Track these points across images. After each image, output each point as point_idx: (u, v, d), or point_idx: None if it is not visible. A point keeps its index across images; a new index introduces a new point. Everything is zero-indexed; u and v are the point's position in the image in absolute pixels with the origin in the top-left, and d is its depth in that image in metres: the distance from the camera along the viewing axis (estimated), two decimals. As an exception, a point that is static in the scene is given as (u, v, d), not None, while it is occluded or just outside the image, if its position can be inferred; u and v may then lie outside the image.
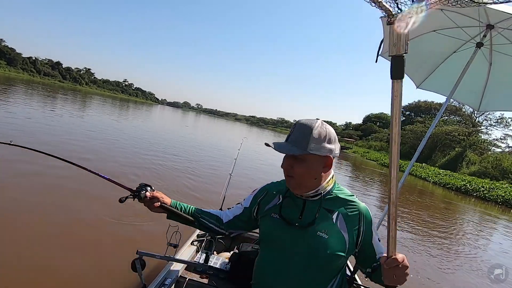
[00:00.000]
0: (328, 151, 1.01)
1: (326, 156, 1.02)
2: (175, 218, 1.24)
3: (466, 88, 2.25)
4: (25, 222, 3.01)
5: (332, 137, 1.03)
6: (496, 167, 21.81)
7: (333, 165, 1.08)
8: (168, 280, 1.56)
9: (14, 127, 7.56)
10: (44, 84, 51.62)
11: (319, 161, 1.02)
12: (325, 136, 1.01)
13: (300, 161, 1.02)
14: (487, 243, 6.56)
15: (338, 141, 1.07)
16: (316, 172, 1.03)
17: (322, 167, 1.03)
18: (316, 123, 1.02)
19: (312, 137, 0.99)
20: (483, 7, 1.57)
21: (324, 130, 1.01)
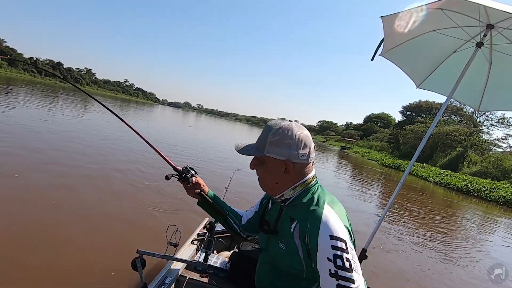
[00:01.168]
0: (286, 155, 0.94)
1: (284, 160, 0.94)
2: (206, 208, 1.29)
3: (466, 88, 2.24)
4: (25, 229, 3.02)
5: (295, 142, 0.94)
6: (497, 167, 21.77)
7: (312, 171, 1.01)
8: (168, 279, 1.56)
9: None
10: (45, 84, 51.69)
11: (278, 165, 0.96)
12: (286, 140, 0.94)
13: (260, 163, 1.00)
14: (488, 243, 6.55)
15: (308, 147, 0.96)
16: (276, 176, 0.98)
17: (283, 172, 0.96)
18: (278, 126, 0.96)
19: (270, 140, 0.95)
20: (483, 7, 1.57)
21: (287, 133, 0.94)
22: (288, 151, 0.94)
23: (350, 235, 0.90)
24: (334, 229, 0.85)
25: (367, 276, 1.10)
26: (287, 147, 0.94)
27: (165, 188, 4.92)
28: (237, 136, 29.47)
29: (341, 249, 0.82)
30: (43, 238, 2.78)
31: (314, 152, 1.00)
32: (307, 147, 0.96)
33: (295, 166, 0.96)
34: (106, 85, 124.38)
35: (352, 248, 0.85)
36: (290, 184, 0.98)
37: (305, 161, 0.96)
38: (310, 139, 0.98)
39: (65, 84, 75.15)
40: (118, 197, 4.24)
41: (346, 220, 0.93)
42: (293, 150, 0.94)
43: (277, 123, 0.98)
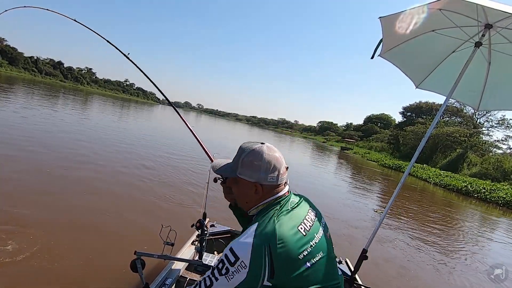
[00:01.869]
0: (256, 178, 1.00)
1: (254, 182, 1.01)
2: (237, 212, 1.33)
3: (465, 87, 2.25)
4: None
5: (265, 165, 0.99)
6: (497, 168, 21.75)
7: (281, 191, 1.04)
8: (168, 280, 1.57)
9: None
10: (45, 83, 51.73)
11: (249, 186, 1.02)
12: (257, 162, 1.00)
13: (234, 182, 1.07)
14: (488, 243, 6.55)
15: (278, 169, 1.01)
16: (247, 195, 1.04)
17: (253, 192, 1.02)
18: (250, 149, 1.02)
19: (242, 162, 1.02)
20: (481, 7, 1.57)
21: (257, 157, 1.00)
22: (258, 174, 1.00)
23: (256, 255, 0.88)
24: (237, 246, 0.91)
25: (367, 276, 1.09)
26: (257, 170, 1.00)
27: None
28: (241, 136, 29.47)
29: (229, 262, 0.89)
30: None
31: (285, 173, 1.04)
32: (277, 169, 1.01)
33: (264, 187, 1.01)
34: (107, 84, 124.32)
35: (243, 267, 0.88)
36: (258, 203, 1.05)
37: (274, 183, 1.02)
38: (280, 161, 1.03)
39: (65, 84, 75.12)
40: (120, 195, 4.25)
41: (262, 245, 0.89)
42: (262, 173, 1.00)
43: (249, 145, 1.04)
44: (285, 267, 0.91)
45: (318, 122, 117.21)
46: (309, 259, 0.95)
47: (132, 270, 1.24)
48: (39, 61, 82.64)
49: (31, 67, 77.48)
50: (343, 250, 4.33)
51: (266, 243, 0.90)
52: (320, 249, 1.00)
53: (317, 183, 10.01)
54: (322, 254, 0.99)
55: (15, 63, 71.55)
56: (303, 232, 0.97)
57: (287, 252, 0.91)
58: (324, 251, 1.01)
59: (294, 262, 0.92)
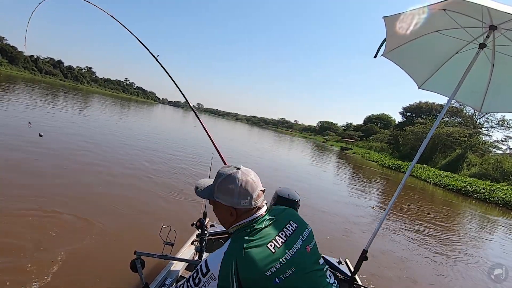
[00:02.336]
0: (229, 202, 1.06)
1: (229, 206, 1.07)
2: None
3: (468, 89, 2.24)
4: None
5: (237, 190, 1.05)
6: (496, 169, 21.75)
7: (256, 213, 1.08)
8: (168, 280, 1.57)
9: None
10: (45, 82, 51.65)
11: (225, 208, 1.08)
12: (231, 189, 1.05)
13: (213, 203, 1.13)
14: (488, 244, 6.56)
15: (251, 194, 1.06)
16: (223, 216, 1.11)
17: (229, 215, 1.08)
18: (226, 174, 1.08)
19: (218, 187, 1.08)
20: (486, 8, 1.57)
21: (230, 182, 1.06)
22: (232, 199, 1.05)
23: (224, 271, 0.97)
24: (211, 258, 1.01)
25: (368, 277, 1.09)
26: (231, 195, 1.05)
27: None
28: (247, 139, 29.42)
29: (202, 272, 0.99)
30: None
31: (260, 196, 1.09)
32: (249, 195, 1.05)
33: (238, 211, 1.07)
34: (107, 83, 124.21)
35: (213, 279, 0.97)
36: (233, 225, 1.10)
37: (247, 207, 1.06)
38: (254, 186, 1.07)
39: (65, 83, 74.96)
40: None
41: (231, 262, 0.98)
42: (236, 198, 1.05)
43: (225, 171, 1.09)
44: (251, 283, 0.97)
45: (318, 122, 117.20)
46: (278, 275, 0.99)
47: (132, 270, 1.25)
48: (39, 60, 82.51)
49: (31, 66, 77.36)
50: (340, 244, 4.34)
51: (233, 259, 0.98)
52: (292, 265, 1.02)
53: (317, 182, 10.02)
54: (293, 269, 1.02)
55: (15, 62, 71.42)
56: (272, 249, 1.02)
57: (252, 269, 0.97)
58: (299, 266, 1.04)
59: (261, 279, 0.97)
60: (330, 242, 4.30)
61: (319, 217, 5.39)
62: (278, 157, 16.90)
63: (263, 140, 31.60)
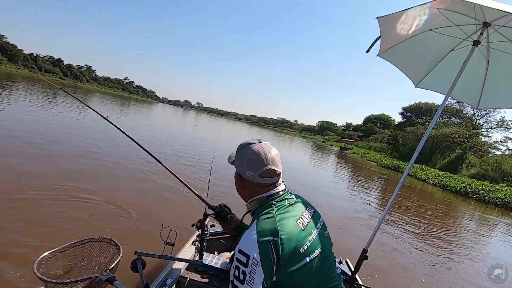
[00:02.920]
0: (239, 169, 1.09)
1: (238, 173, 1.10)
2: None
3: (464, 86, 2.24)
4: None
5: (246, 159, 1.06)
6: (496, 169, 21.78)
7: (268, 191, 1.06)
8: (169, 280, 1.57)
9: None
10: (45, 81, 51.46)
11: (237, 177, 1.12)
12: (243, 156, 1.07)
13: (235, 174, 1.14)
14: (487, 244, 6.57)
15: (257, 168, 1.04)
16: (237, 185, 1.14)
17: (241, 185, 1.11)
18: (245, 143, 1.10)
19: (236, 152, 1.12)
20: (479, 5, 1.57)
21: (243, 150, 1.08)
22: (241, 167, 1.08)
23: (266, 251, 0.90)
24: (244, 244, 0.94)
25: (367, 276, 1.09)
26: (241, 162, 1.08)
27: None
28: (247, 138, 29.38)
29: (241, 262, 0.91)
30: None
31: (270, 175, 1.04)
32: (255, 168, 1.04)
33: (244, 181, 1.09)
34: (106, 82, 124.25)
35: (256, 264, 0.88)
36: (247, 197, 1.11)
37: (251, 179, 1.05)
38: (265, 162, 1.04)
39: (65, 81, 74.89)
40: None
41: (268, 239, 0.91)
42: (243, 167, 1.07)
43: (249, 140, 1.12)
44: (288, 259, 0.92)
45: (318, 122, 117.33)
46: (308, 254, 0.96)
47: (133, 270, 1.25)
48: (38, 58, 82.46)
49: (31, 64, 77.31)
50: (338, 238, 4.34)
51: (269, 234, 0.92)
52: (317, 246, 1.00)
53: (317, 182, 10.03)
54: (319, 250, 1.00)
55: (14, 60, 71.38)
56: (301, 226, 0.99)
57: (291, 242, 0.93)
58: (321, 248, 1.01)
59: (296, 254, 0.93)
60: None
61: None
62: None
63: (262, 139, 31.52)
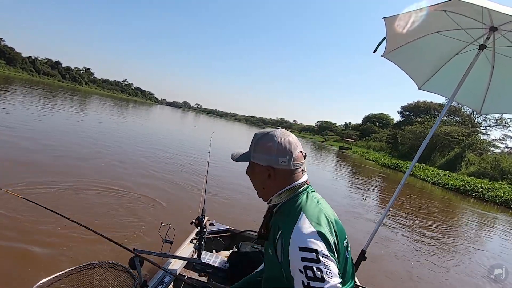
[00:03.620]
0: (267, 161, 0.96)
1: (266, 166, 0.97)
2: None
3: (468, 90, 2.23)
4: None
5: (275, 148, 0.95)
6: (495, 167, 21.87)
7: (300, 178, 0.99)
8: (167, 278, 1.57)
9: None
10: (43, 83, 51.45)
11: (262, 170, 0.98)
12: (269, 146, 0.96)
13: (250, 169, 1.04)
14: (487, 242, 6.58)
15: (290, 153, 0.96)
16: (261, 181, 1.01)
17: (267, 177, 0.98)
18: (263, 133, 1.00)
19: (255, 146, 1.00)
20: (486, 9, 1.57)
21: (268, 139, 0.97)
22: (269, 157, 0.96)
23: (327, 239, 0.84)
24: (303, 240, 0.82)
25: (365, 277, 1.09)
26: (268, 153, 0.96)
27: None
28: (248, 138, 29.37)
29: (311, 260, 0.79)
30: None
31: (301, 159, 0.99)
32: (288, 153, 0.96)
33: (277, 172, 0.97)
34: (105, 84, 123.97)
35: (326, 256, 0.80)
36: (276, 190, 0.99)
37: (286, 167, 0.96)
38: (294, 146, 0.98)
39: (63, 83, 74.80)
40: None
41: (324, 225, 0.87)
42: (273, 156, 0.96)
43: (264, 130, 1.02)
44: (339, 245, 0.89)
45: (317, 122, 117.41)
46: (347, 249, 0.97)
47: (131, 267, 1.25)
48: (37, 61, 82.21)
49: (29, 67, 77.10)
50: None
51: (324, 222, 0.88)
52: (348, 242, 1.00)
53: (314, 183, 10.02)
54: (349, 247, 1.00)
55: (12, 63, 71.18)
56: (339, 221, 0.98)
57: (337, 228, 0.92)
58: (348, 245, 1.00)
59: (341, 241, 0.92)
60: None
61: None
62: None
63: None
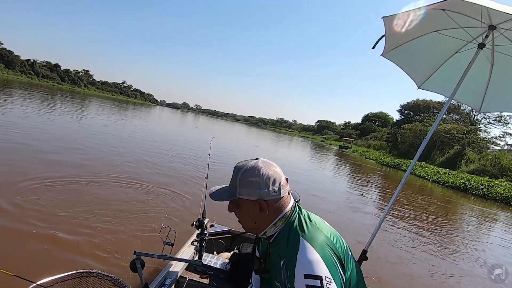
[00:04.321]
0: (257, 195, 0.94)
1: (257, 200, 0.95)
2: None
3: (467, 89, 2.24)
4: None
5: (264, 180, 0.94)
6: (495, 165, 21.91)
7: (289, 202, 1.00)
8: (168, 280, 1.56)
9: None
10: (42, 86, 51.41)
11: (252, 205, 0.96)
12: (255, 179, 0.94)
13: (236, 206, 1.01)
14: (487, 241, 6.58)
15: (278, 181, 0.96)
16: (252, 216, 0.98)
17: (258, 211, 0.96)
18: (246, 167, 0.96)
19: (239, 182, 0.96)
20: (485, 8, 1.57)
21: (255, 173, 0.94)
22: (259, 190, 0.94)
23: (331, 260, 0.88)
24: (308, 267, 0.84)
25: (366, 277, 1.10)
26: (257, 186, 0.94)
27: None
28: (247, 139, 29.36)
29: (315, 287, 0.81)
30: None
31: (287, 185, 1.00)
32: (277, 182, 0.96)
33: (268, 203, 0.96)
34: (104, 86, 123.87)
35: (330, 281, 0.83)
36: (269, 221, 0.98)
37: (277, 196, 0.96)
38: (279, 174, 0.98)
39: (62, 86, 74.76)
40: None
41: (325, 247, 0.90)
42: (263, 188, 0.94)
43: (244, 163, 0.99)
44: (345, 259, 0.95)
45: (317, 121, 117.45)
46: (347, 249, 1.02)
47: (132, 270, 1.24)
48: (35, 64, 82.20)
49: (28, 70, 77.10)
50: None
51: (325, 245, 0.91)
52: (346, 243, 1.06)
53: (317, 180, 10.04)
54: (348, 247, 1.05)
55: (11, 66, 71.17)
56: (330, 225, 1.06)
57: (338, 244, 0.97)
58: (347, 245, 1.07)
59: (345, 253, 0.97)
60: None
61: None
62: (280, 157, 16.90)
63: (262, 140, 31.57)
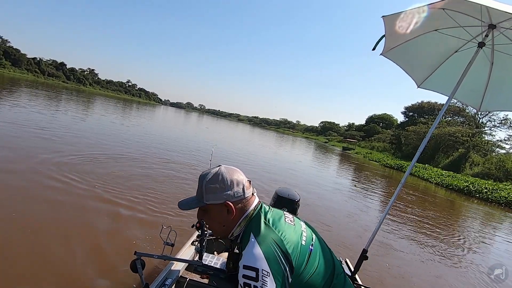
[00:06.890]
0: (224, 198, 1.01)
1: (224, 203, 1.01)
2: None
3: (467, 88, 2.24)
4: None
5: (228, 183, 1.01)
6: (499, 168, 21.66)
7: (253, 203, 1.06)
8: (168, 280, 1.57)
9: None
10: (48, 84, 51.88)
11: (220, 209, 1.03)
12: (220, 184, 1.01)
13: (204, 212, 1.07)
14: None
15: (241, 183, 1.04)
16: (220, 220, 1.04)
17: (226, 214, 1.02)
18: (210, 174, 1.03)
19: (205, 189, 1.02)
20: (485, 7, 1.57)
21: (218, 178, 1.01)
22: (224, 193, 1.01)
23: (274, 255, 0.91)
24: (247, 259, 0.90)
25: (366, 277, 1.11)
26: (222, 190, 1.01)
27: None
28: (249, 141, 29.31)
29: (250, 278, 0.87)
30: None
31: (250, 186, 1.07)
32: (240, 183, 1.04)
33: (234, 204, 1.02)
34: (109, 85, 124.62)
35: (266, 275, 0.87)
36: (236, 222, 1.05)
37: (241, 197, 1.03)
38: (241, 177, 1.06)
39: (67, 85, 75.37)
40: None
41: (270, 244, 0.93)
42: (228, 190, 1.01)
43: (208, 171, 1.06)
44: (298, 255, 0.96)
45: (320, 122, 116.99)
46: (309, 242, 1.04)
47: (132, 270, 1.25)
48: (41, 62, 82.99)
49: (34, 68, 77.85)
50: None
51: (271, 241, 0.95)
52: (312, 234, 1.10)
53: (317, 180, 10.03)
54: (315, 237, 1.09)
55: (18, 64, 71.93)
56: (290, 223, 1.06)
57: (292, 240, 0.98)
58: (316, 235, 1.11)
59: (301, 248, 0.99)
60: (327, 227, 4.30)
61: (317, 211, 5.41)
62: (281, 158, 16.89)
63: (264, 140, 31.55)
